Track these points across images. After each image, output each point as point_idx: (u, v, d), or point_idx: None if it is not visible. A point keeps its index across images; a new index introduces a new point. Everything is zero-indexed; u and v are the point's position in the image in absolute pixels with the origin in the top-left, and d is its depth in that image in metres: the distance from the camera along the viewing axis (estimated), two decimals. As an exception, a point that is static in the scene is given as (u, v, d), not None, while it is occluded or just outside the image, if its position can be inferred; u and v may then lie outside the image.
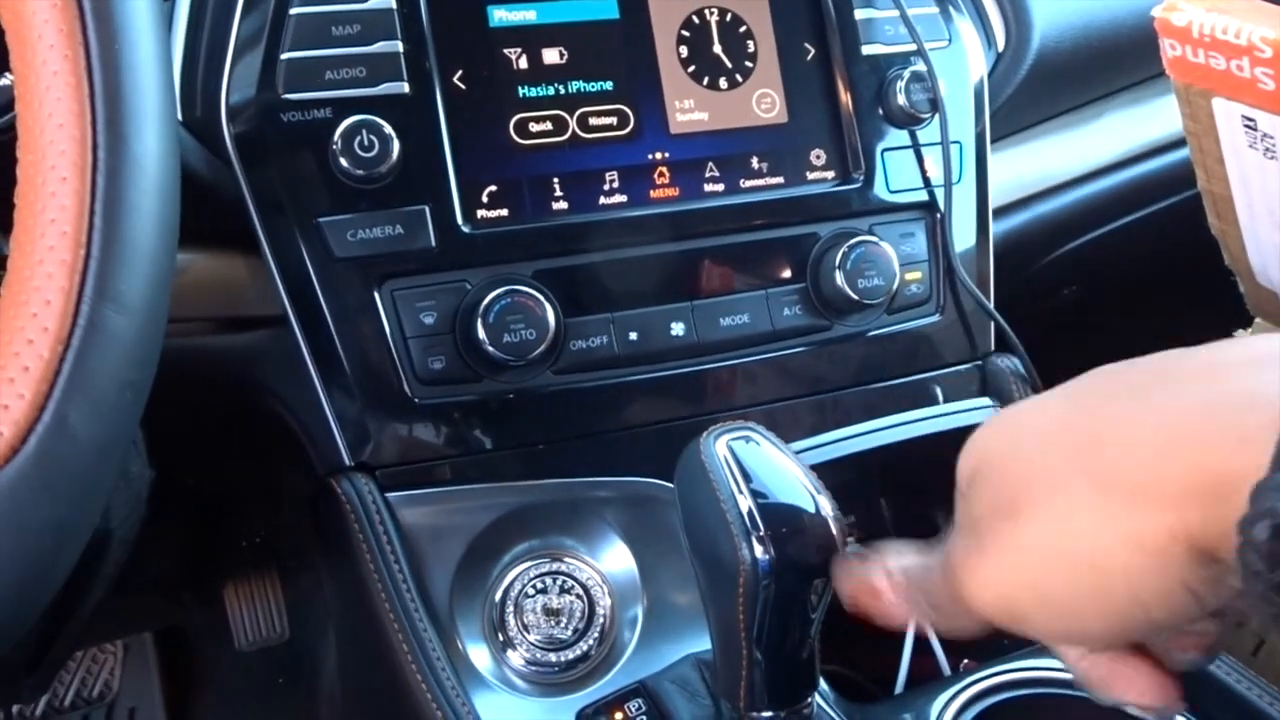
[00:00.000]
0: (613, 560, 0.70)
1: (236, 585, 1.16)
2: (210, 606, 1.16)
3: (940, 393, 0.77)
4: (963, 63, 0.78)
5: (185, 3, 0.67)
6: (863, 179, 0.74)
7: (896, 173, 0.75)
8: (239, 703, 1.21)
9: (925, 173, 0.76)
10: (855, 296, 0.71)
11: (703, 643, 0.64)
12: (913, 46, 0.75)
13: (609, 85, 0.70)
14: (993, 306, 0.77)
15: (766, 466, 0.53)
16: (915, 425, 0.74)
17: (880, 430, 0.74)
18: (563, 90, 0.69)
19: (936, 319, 0.76)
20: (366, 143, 0.63)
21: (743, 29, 0.73)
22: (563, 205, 0.69)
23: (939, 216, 0.76)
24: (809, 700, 0.56)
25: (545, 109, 0.69)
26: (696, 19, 0.72)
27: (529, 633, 0.67)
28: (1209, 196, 0.55)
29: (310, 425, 0.68)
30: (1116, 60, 0.86)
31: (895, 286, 0.73)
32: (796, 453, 0.55)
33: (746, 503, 0.51)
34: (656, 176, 0.71)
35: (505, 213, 0.67)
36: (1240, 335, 0.64)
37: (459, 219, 0.66)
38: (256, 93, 0.63)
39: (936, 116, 0.75)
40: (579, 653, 0.68)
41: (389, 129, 0.63)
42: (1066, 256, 0.93)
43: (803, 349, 0.73)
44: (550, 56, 0.69)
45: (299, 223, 0.63)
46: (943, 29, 0.77)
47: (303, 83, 0.63)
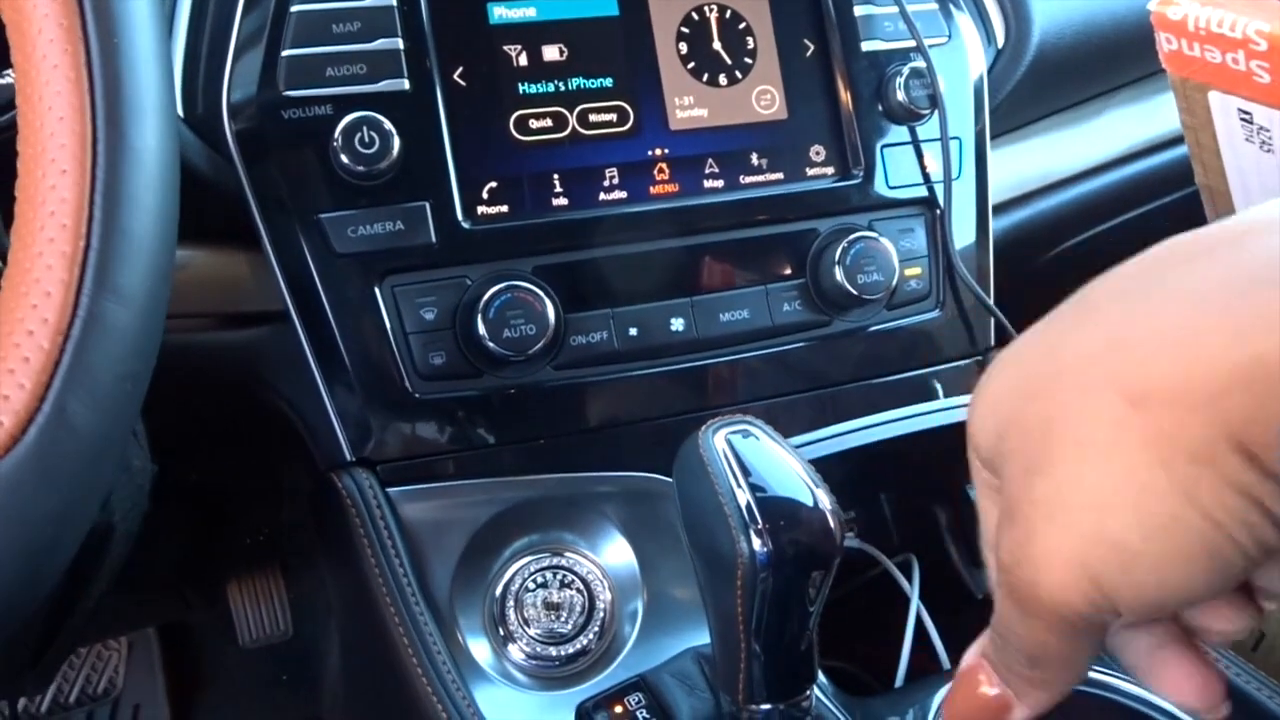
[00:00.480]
0: (613, 555, 0.70)
1: (240, 582, 1.17)
2: (214, 603, 1.17)
3: (940, 388, 0.77)
4: (962, 59, 0.78)
5: (187, 0, 0.67)
6: (862, 175, 0.74)
7: (896, 169, 0.75)
8: (243, 699, 1.21)
9: (925, 169, 0.76)
10: (855, 292, 0.71)
11: (703, 636, 0.64)
12: (912, 43, 0.75)
13: (609, 82, 0.70)
14: (992, 302, 0.77)
15: (765, 460, 0.53)
16: (915, 420, 0.74)
17: (879, 425, 0.74)
18: (563, 87, 0.69)
19: (936, 315, 0.77)
20: (367, 139, 0.63)
21: (742, 25, 0.73)
22: (563, 201, 0.69)
23: (939, 212, 0.76)
24: (808, 693, 0.56)
25: (545, 105, 0.69)
26: (696, 15, 0.72)
27: (529, 627, 0.68)
28: (1206, 191, 0.55)
29: (311, 421, 0.69)
30: (1116, 57, 0.86)
31: (895, 282, 0.73)
32: (795, 447, 0.55)
33: (745, 496, 0.51)
34: (656, 173, 0.71)
35: (505, 209, 0.68)
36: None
37: (459, 215, 0.66)
38: (258, 90, 0.63)
39: (936, 113, 0.75)
40: (579, 647, 0.68)
41: (389, 125, 0.63)
42: (1067, 253, 0.93)
43: (802, 344, 0.73)
44: (550, 53, 0.69)
45: (300, 219, 0.64)
46: (942, 25, 0.78)
47: (304, 80, 0.63)
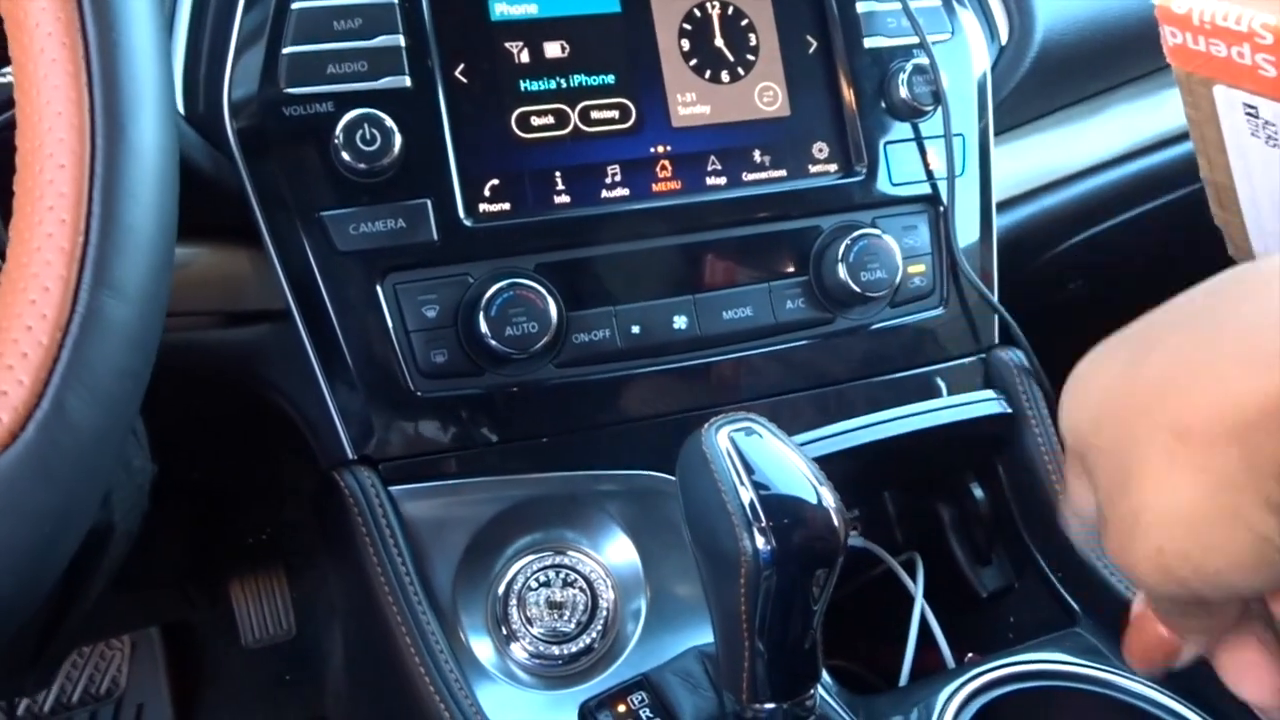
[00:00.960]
0: (615, 553, 0.70)
1: (243, 582, 1.17)
2: (217, 603, 1.17)
3: (943, 386, 0.77)
4: (965, 56, 0.78)
5: (188, -2, 0.67)
6: (865, 172, 0.74)
7: (899, 166, 0.75)
8: (246, 698, 1.21)
9: (928, 166, 0.76)
10: (858, 289, 0.71)
11: (706, 635, 0.64)
12: (915, 39, 0.75)
13: (610, 79, 0.70)
14: (996, 299, 0.77)
15: (768, 458, 0.53)
16: (918, 418, 0.74)
17: (883, 423, 0.73)
18: (564, 84, 0.69)
19: (940, 312, 0.76)
20: (368, 136, 0.63)
21: (744, 22, 0.73)
22: (565, 199, 0.69)
23: (942, 209, 0.76)
24: (812, 692, 0.56)
25: (547, 102, 0.69)
26: (698, 12, 0.72)
27: (532, 626, 0.67)
28: (1211, 186, 0.55)
29: (313, 419, 0.69)
30: (1120, 53, 0.86)
31: (898, 279, 0.73)
32: (799, 445, 0.55)
33: (748, 494, 0.51)
34: (658, 170, 0.71)
35: (507, 206, 0.67)
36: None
37: (461, 213, 0.66)
38: (259, 87, 0.63)
39: (939, 109, 0.75)
40: (582, 645, 0.68)
41: (390, 123, 0.63)
42: (1071, 250, 0.92)
43: (805, 342, 0.73)
44: (552, 50, 0.69)
45: (301, 216, 0.64)
46: (945, 22, 0.77)
47: (304, 77, 0.63)
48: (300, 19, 0.64)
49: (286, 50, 0.63)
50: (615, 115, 0.70)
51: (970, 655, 0.74)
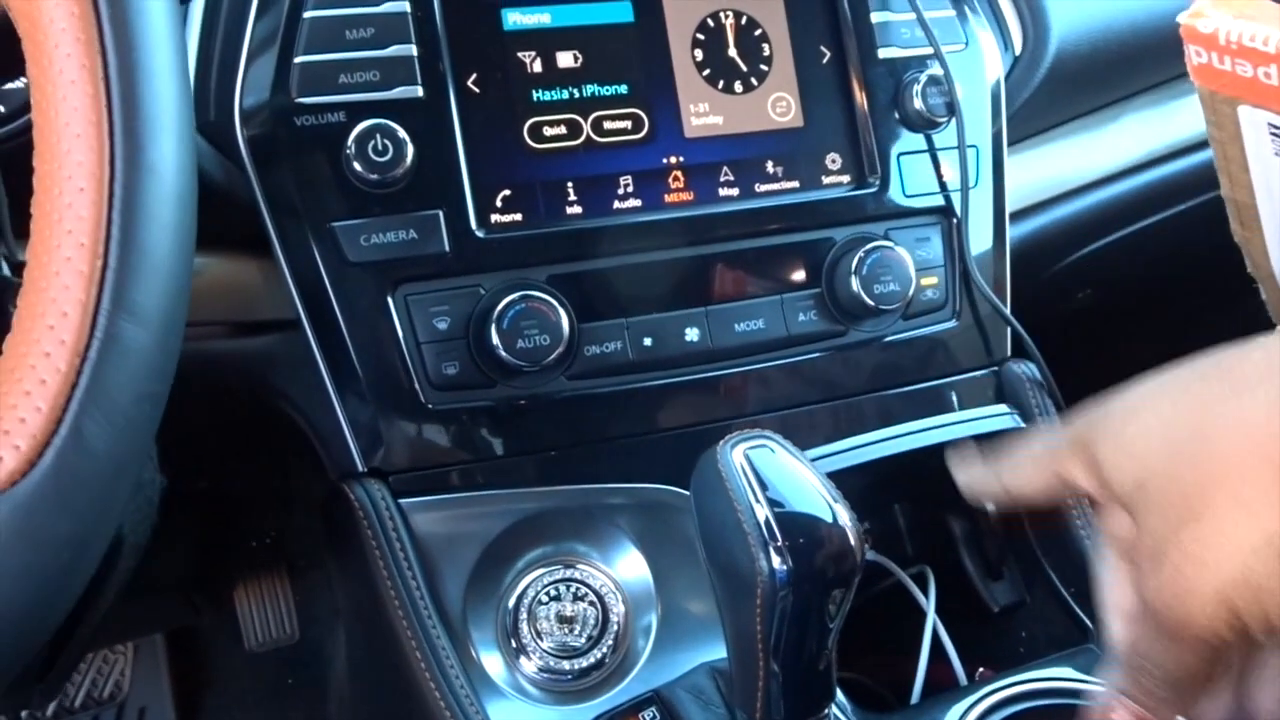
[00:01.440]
0: (626, 567, 0.69)
1: (246, 586, 1.16)
2: (220, 607, 1.16)
3: (956, 399, 0.76)
4: (979, 66, 0.77)
5: (199, 6, 0.66)
6: (879, 183, 0.73)
7: (913, 177, 0.74)
8: (249, 703, 1.21)
9: (942, 177, 0.75)
10: (871, 302, 0.71)
11: (718, 651, 0.63)
12: (929, 50, 0.74)
13: (623, 89, 0.69)
14: (1009, 312, 0.77)
15: (783, 475, 0.53)
16: (930, 433, 0.73)
17: (895, 438, 0.73)
18: (577, 94, 0.69)
19: (952, 324, 0.76)
20: (380, 147, 0.62)
21: (758, 32, 0.72)
22: (577, 210, 0.68)
23: (955, 221, 0.75)
24: (826, 712, 0.55)
25: (559, 113, 0.68)
26: (711, 22, 0.71)
27: (542, 640, 0.67)
28: (1232, 204, 0.55)
29: (323, 430, 0.68)
30: (1134, 63, 0.85)
31: (911, 292, 0.72)
32: (812, 460, 0.55)
33: (764, 512, 0.51)
34: (671, 181, 0.70)
35: (519, 217, 0.67)
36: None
37: (473, 223, 0.65)
38: (270, 96, 0.62)
39: (953, 120, 0.75)
40: (592, 660, 0.67)
41: (403, 133, 0.63)
42: (1082, 261, 0.92)
43: (817, 354, 0.73)
44: (564, 60, 0.69)
45: (312, 227, 0.63)
46: (959, 32, 0.77)
47: (316, 86, 0.63)
48: (313, 28, 0.63)
49: (298, 59, 0.63)
50: (628, 126, 0.69)
51: (982, 670, 0.73)
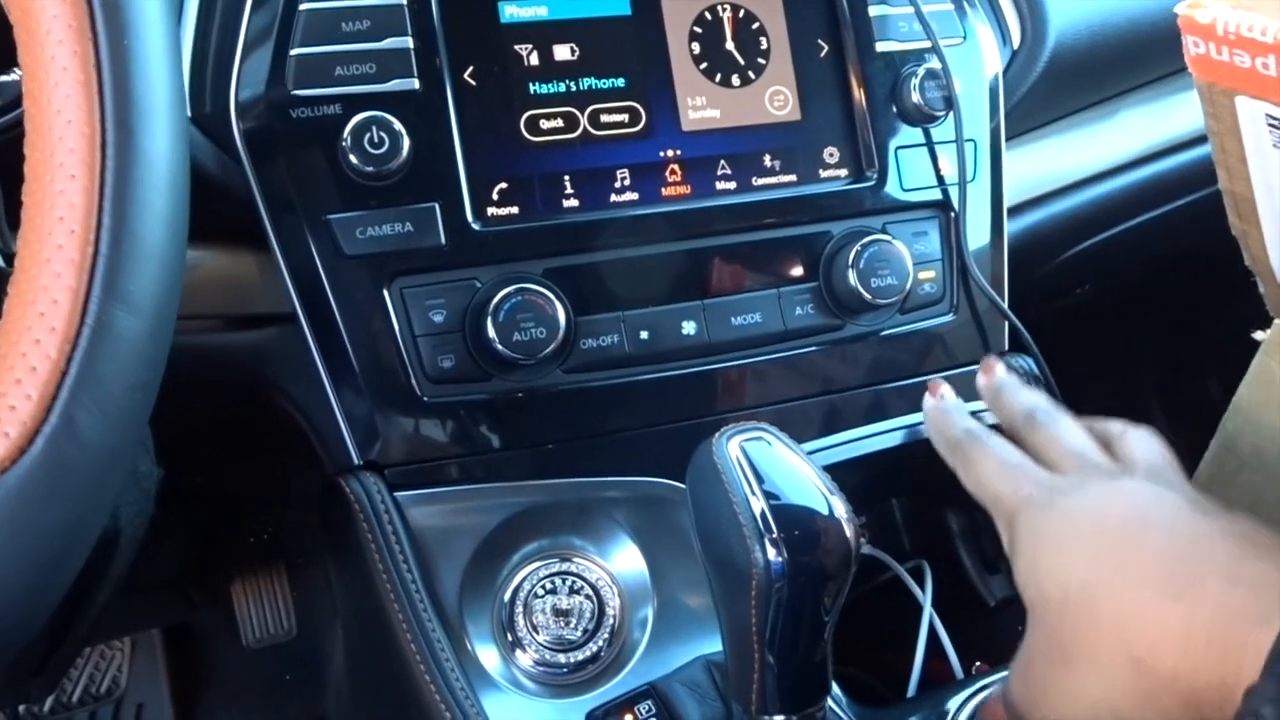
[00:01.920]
0: (622, 561, 0.69)
1: (244, 582, 1.16)
2: (218, 603, 1.16)
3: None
4: (978, 60, 0.77)
5: (195, -2, 0.66)
6: (876, 177, 0.73)
7: (910, 171, 0.74)
8: (246, 699, 1.21)
9: (939, 171, 0.75)
10: (868, 296, 0.70)
11: (713, 644, 0.63)
12: (927, 43, 0.74)
13: (621, 82, 0.69)
14: (1007, 306, 0.77)
15: (779, 468, 0.53)
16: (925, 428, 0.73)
17: (891, 431, 0.73)
18: (574, 87, 0.68)
19: (950, 319, 0.76)
20: (376, 139, 0.62)
21: (755, 25, 0.72)
22: (574, 203, 0.68)
23: (953, 215, 0.75)
24: (821, 704, 0.55)
25: (556, 106, 0.68)
26: (709, 15, 0.71)
27: (538, 633, 0.67)
28: (1230, 197, 0.54)
29: (319, 424, 0.68)
30: (1132, 58, 0.85)
31: (909, 286, 0.72)
32: (808, 454, 0.54)
33: (759, 504, 0.51)
34: (668, 174, 0.70)
35: (516, 210, 0.67)
36: (1259, 336, 0.63)
37: (469, 217, 0.65)
38: (266, 89, 0.62)
39: (951, 114, 0.74)
40: (588, 654, 0.67)
41: (399, 126, 0.63)
42: (1079, 255, 0.92)
43: (814, 349, 0.72)
44: (562, 53, 0.68)
45: (308, 220, 0.63)
46: (958, 26, 0.77)
47: (312, 79, 0.63)
48: (308, 20, 0.63)
49: (294, 51, 0.63)
50: (625, 119, 0.69)
51: (978, 664, 0.73)
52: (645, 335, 0.68)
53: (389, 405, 0.65)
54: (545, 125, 0.68)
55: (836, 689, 0.62)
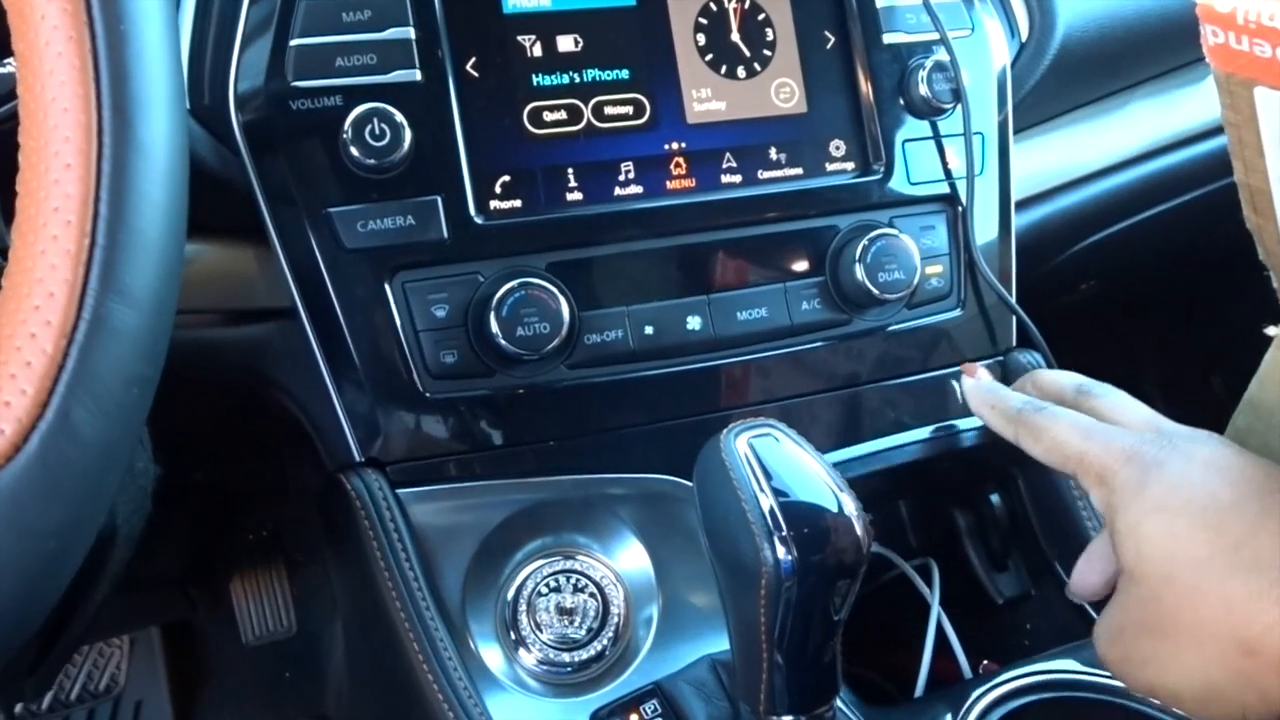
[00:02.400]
0: (627, 558, 0.69)
1: (243, 579, 1.15)
2: (217, 601, 1.16)
3: (960, 389, 0.75)
4: (985, 52, 0.76)
5: (193, -12, 0.65)
6: (883, 170, 0.72)
7: (917, 164, 0.73)
8: (245, 696, 1.20)
9: (947, 164, 0.74)
10: (875, 290, 0.70)
11: (719, 643, 0.63)
12: (935, 35, 0.73)
13: (625, 74, 0.68)
14: (1014, 301, 0.76)
15: (788, 464, 0.52)
16: (936, 442, 0.73)
17: (900, 448, 0.73)
18: (578, 79, 0.68)
19: (957, 314, 0.75)
20: (377, 132, 0.61)
21: (761, 16, 0.71)
22: (577, 196, 0.67)
23: (960, 209, 0.74)
24: (830, 705, 0.54)
25: (560, 98, 0.67)
26: (714, 6, 0.70)
27: (542, 632, 0.66)
28: (1246, 189, 0.53)
29: (319, 419, 0.67)
30: (1141, 51, 0.84)
31: (916, 280, 0.71)
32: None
33: (768, 502, 0.50)
34: (673, 167, 0.69)
35: (519, 203, 0.66)
36: (1271, 331, 0.63)
37: (471, 210, 0.64)
38: (265, 80, 0.61)
39: (959, 107, 0.73)
40: (593, 653, 0.66)
41: (400, 118, 0.62)
42: (1087, 250, 0.91)
43: (821, 344, 0.72)
44: (565, 44, 0.68)
45: (309, 213, 0.62)
46: (965, 17, 0.76)
47: (312, 70, 0.62)
48: (309, 10, 0.62)
49: (294, 42, 0.62)
50: (629, 111, 0.68)
51: (986, 663, 0.73)
52: (650, 330, 0.68)
53: (391, 401, 0.64)
54: (549, 117, 0.67)
55: (844, 689, 0.61)
